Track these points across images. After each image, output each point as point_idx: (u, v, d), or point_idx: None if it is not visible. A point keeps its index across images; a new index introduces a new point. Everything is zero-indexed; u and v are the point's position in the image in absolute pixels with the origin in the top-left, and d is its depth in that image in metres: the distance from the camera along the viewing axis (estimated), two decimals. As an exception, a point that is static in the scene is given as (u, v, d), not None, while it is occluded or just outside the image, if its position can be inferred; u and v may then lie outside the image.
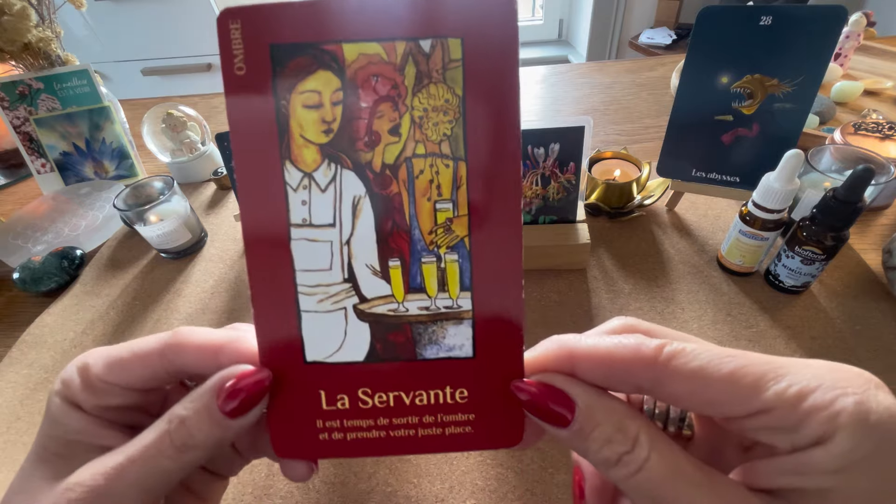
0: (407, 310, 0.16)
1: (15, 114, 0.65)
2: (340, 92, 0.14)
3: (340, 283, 0.16)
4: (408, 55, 0.14)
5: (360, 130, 0.15)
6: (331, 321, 0.16)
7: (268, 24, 0.14)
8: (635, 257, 0.48)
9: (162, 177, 0.54)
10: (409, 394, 0.16)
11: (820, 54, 0.39)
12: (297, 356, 0.16)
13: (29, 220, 0.61)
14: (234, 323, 0.19)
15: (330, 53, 0.14)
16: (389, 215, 0.15)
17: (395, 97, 0.14)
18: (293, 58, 0.14)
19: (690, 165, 0.48)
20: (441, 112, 0.15)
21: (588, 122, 0.40)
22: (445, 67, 0.14)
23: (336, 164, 0.15)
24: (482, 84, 0.14)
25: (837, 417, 0.12)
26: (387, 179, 0.15)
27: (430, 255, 0.16)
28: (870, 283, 0.43)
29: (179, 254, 0.55)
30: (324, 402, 0.17)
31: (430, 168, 0.15)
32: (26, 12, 0.60)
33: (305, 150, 0.15)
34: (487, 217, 0.15)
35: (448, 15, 0.14)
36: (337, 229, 0.16)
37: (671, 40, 1.79)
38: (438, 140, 0.15)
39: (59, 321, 0.49)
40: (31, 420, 0.40)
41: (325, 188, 0.15)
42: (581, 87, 0.87)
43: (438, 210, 0.15)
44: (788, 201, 0.38)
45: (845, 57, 0.75)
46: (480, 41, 0.14)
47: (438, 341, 0.16)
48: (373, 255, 0.16)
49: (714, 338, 0.39)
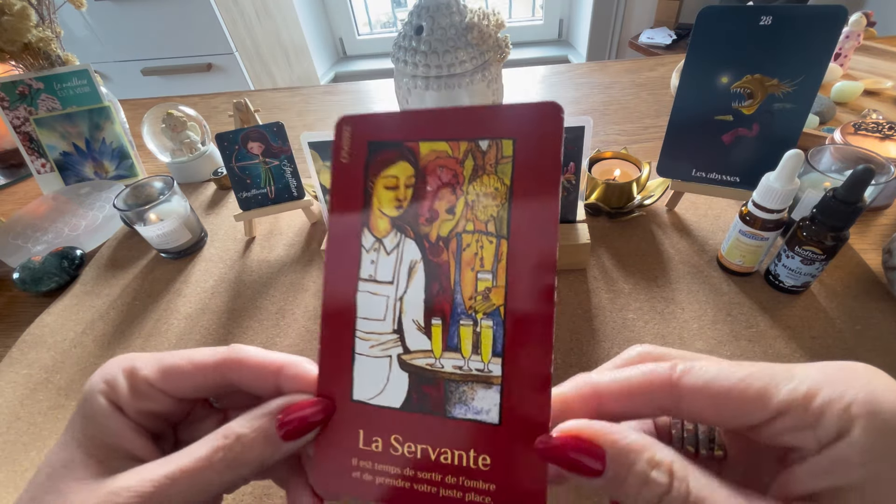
0: (442, 366, 0.18)
1: (15, 114, 0.65)
2: (413, 178, 0.18)
3: (390, 332, 0.18)
4: (468, 152, 0.18)
5: (424, 208, 0.18)
6: (377, 366, 0.18)
7: (368, 127, 0.19)
8: (635, 257, 0.48)
9: (162, 177, 0.54)
10: (435, 450, 0.17)
11: (820, 54, 0.39)
12: (346, 393, 0.18)
13: (29, 220, 0.61)
14: (233, 344, 0.19)
15: (409, 149, 0.18)
16: (437, 279, 0.18)
17: (454, 184, 0.18)
18: (382, 151, 0.18)
19: (690, 165, 0.48)
20: (490, 197, 0.17)
21: (588, 122, 0.40)
22: (498, 162, 0.17)
23: (401, 233, 0.18)
24: (527, 176, 0.17)
25: (850, 408, 0.13)
26: (439, 249, 0.18)
27: (467, 319, 0.17)
28: (870, 283, 0.43)
29: (179, 254, 0.55)
30: (361, 441, 0.18)
31: (476, 243, 0.18)
32: (26, 12, 0.60)
33: (380, 220, 0.18)
34: (522, 290, 0.17)
35: (504, 121, 0.17)
36: (394, 286, 0.18)
37: (671, 40, 1.79)
38: (486, 220, 0.17)
39: (59, 321, 0.49)
40: (30, 420, 0.40)
41: (390, 252, 0.18)
42: (581, 87, 0.87)
43: (479, 279, 0.17)
44: (788, 201, 0.38)
45: (845, 57, 0.75)
46: (529, 142, 0.17)
47: (467, 402, 0.17)
48: (419, 312, 0.18)
49: (714, 338, 0.39)
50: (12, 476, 0.36)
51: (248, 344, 0.46)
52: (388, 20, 2.47)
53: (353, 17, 2.38)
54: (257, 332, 0.45)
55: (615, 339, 0.40)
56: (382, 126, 0.19)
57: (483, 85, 0.56)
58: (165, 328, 0.46)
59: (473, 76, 0.54)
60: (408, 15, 0.55)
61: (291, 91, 0.99)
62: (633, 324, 0.41)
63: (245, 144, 0.50)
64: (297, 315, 0.46)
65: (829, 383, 0.13)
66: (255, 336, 0.44)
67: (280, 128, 0.50)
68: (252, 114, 0.61)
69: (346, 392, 0.18)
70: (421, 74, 0.54)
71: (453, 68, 0.53)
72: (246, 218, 0.54)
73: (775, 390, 0.14)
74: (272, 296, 0.48)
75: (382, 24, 2.48)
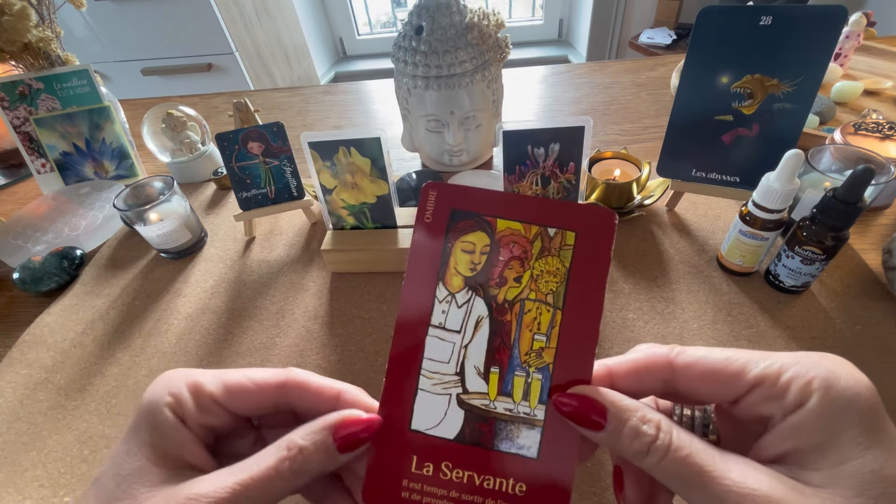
0: (495, 407, 0.21)
1: (15, 114, 0.65)
2: (488, 247, 0.22)
3: (453, 374, 0.21)
4: (538, 235, 0.21)
5: (495, 274, 0.21)
6: (437, 402, 0.21)
7: (453, 196, 0.22)
8: (635, 257, 0.48)
9: (162, 177, 0.54)
10: (480, 476, 0.20)
11: (820, 54, 0.39)
12: (404, 422, 0.21)
13: (29, 220, 0.61)
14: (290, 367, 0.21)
15: (487, 222, 0.22)
16: (500, 335, 0.21)
17: (523, 258, 0.21)
18: (464, 219, 0.22)
19: (690, 165, 0.48)
20: (552, 275, 0.21)
21: (588, 122, 0.40)
22: (561, 248, 0.21)
23: (473, 291, 0.21)
24: (583, 264, 0.21)
25: (811, 384, 0.16)
26: (504, 310, 0.21)
27: (521, 371, 0.21)
28: (870, 283, 0.43)
29: (179, 254, 0.55)
30: (413, 466, 0.21)
31: (536, 309, 0.21)
32: (26, 12, 0.60)
33: (455, 278, 0.22)
34: (569, 354, 0.20)
35: (571, 216, 0.21)
36: (461, 335, 0.21)
37: (671, 40, 1.79)
38: (546, 292, 0.21)
39: (59, 321, 0.49)
40: (30, 420, 0.40)
41: (461, 305, 0.21)
42: (581, 87, 0.87)
43: (535, 340, 0.21)
44: (788, 201, 0.38)
45: (845, 57, 0.75)
46: (587, 237, 0.21)
47: (513, 438, 0.20)
48: (481, 360, 0.21)
49: (714, 338, 0.39)
50: (12, 476, 0.36)
51: (247, 343, 0.46)
52: (388, 20, 2.47)
53: (353, 17, 2.38)
54: (257, 332, 0.45)
55: (615, 339, 0.40)
56: (465, 197, 0.22)
57: (483, 85, 0.56)
58: (165, 328, 0.46)
59: (473, 76, 0.54)
60: (408, 15, 0.55)
61: (291, 91, 0.99)
62: (633, 324, 0.41)
63: (245, 144, 0.50)
64: (297, 315, 0.46)
65: (798, 364, 0.16)
66: (256, 336, 0.44)
67: (280, 128, 0.50)
68: (252, 114, 0.61)
69: (405, 422, 0.21)
70: (421, 74, 0.54)
71: (453, 68, 0.53)
72: (246, 218, 0.54)
73: (752, 367, 0.17)
74: (272, 296, 0.48)
75: (382, 24, 2.48)
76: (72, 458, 0.37)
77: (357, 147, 0.43)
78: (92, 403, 0.40)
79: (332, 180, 0.46)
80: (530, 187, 0.44)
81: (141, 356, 0.44)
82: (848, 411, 0.15)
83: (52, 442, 0.38)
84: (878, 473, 0.14)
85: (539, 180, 0.44)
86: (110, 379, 0.42)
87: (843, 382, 0.15)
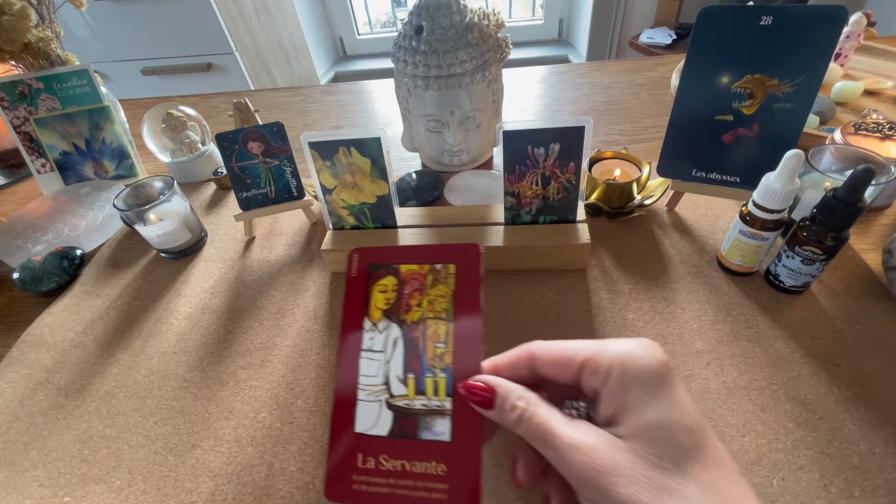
0: (415, 405, 0.26)
1: (15, 114, 0.65)
2: (397, 285, 0.29)
3: (381, 384, 0.27)
4: (430, 270, 0.29)
5: (403, 304, 0.28)
6: (372, 408, 0.27)
7: (370, 255, 0.30)
8: (635, 257, 0.48)
9: (162, 177, 0.54)
10: (410, 463, 0.25)
11: (820, 54, 0.39)
12: (350, 427, 0.27)
13: (29, 220, 0.61)
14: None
15: (395, 268, 0.29)
16: (412, 348, 0.27)
17: (421, 289, 0.29)
18: (378, 270, 0.30)
19: (690, 165, 0.48)
20: (442, 297, 0.28)
21: (588, 122, 0.40)
22: (446, 277, 0.28)
23: (389, 320, 0.28)
24: (463, 285, 0.28)
25: (615, 362, 0.21)
26: (413, 329, 0.28)
27: (430, 372, 0.27)
28: (870, 283, 0.43)
29: (179, 254, 0.55)
30: (359, 462, 0.26)
31: (434, 325, 0.28)
32: (26, 12, 0.60)
33: (376, 311, 0.29)
34: (463, 353, 0.26)
35: (450, 254, 0.29)
36: (384, 353, 0.28)
37: (671, 40, 1.79)
38: (440, 310, 0.28)
39: (59, 321, 0.49)
40: (30, 420, 0.40)
41: (381, 332, 0.28)
42: (581, 87, 0.87)
43: (436, 347, 0.27)
44: (788, 201, 0.38)
45: (845, 57, 0.75)
46: (463, 265, 0.28)
47: (430, 427, 0.26)
48: (400, 370, 0.27)
49: (714, 338, 0.39)
50: (12, 476, 0.36)
51: (247, 343, 0.46)
52: (388, 20, 2.46)
53: (353, 16, 2.38)
54: (257, 332, 0.45)
55: (615, 339, 0.40)
56: (378, 254, 0.30)
57: (483, 85, 0.56)
58: (165, 328, 0.46)
59: (473, 76, 0.54)
60: (408, 15, 0.55)
61: (291, 91, 0.99)
62: (633, 324, 0.41)
63: (245, 144, 0.50)
64: (298, 315, 0.46)
65: (610, 348, 0.22)
66: (256, 336, 0.44)
67: (280, 128, 0.50)
68: (252, 114, 0.61)
69: (351, 426, 0.26)
70: (421, 74, 0.54)
71: (453, 68, 0.53)
72: (246, 218, 0.54)
73: (581, 353, 0.22)
74: (272, 296, 0.48)
75: (382, 23, 2.48)
76: (72, 458, 0.37)
77: (357, 147, 0.43)
78: (92, 403, 0.40)
79: (332, 180, 0.46)
80: (530, 187, 0.44)
81: (141, 356, 0.44)
82: (637, 380, 0.21)
83: (52, 442, 0.38)
84: (657, 423, 0.20)
85: (539, 180, 0.44)
86: (110, 379, 0.42)
87: (635, 360, 0.21)
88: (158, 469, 0.35)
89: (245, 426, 0.37)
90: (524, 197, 0.45)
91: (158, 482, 0.34)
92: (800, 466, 0.31)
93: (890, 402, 0.34)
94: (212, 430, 0.37)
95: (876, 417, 0.33)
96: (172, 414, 0.39)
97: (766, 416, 0.34)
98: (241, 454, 0.35)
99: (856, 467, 0.31)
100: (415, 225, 0.48)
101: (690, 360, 0.38)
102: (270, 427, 0.37)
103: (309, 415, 0.37)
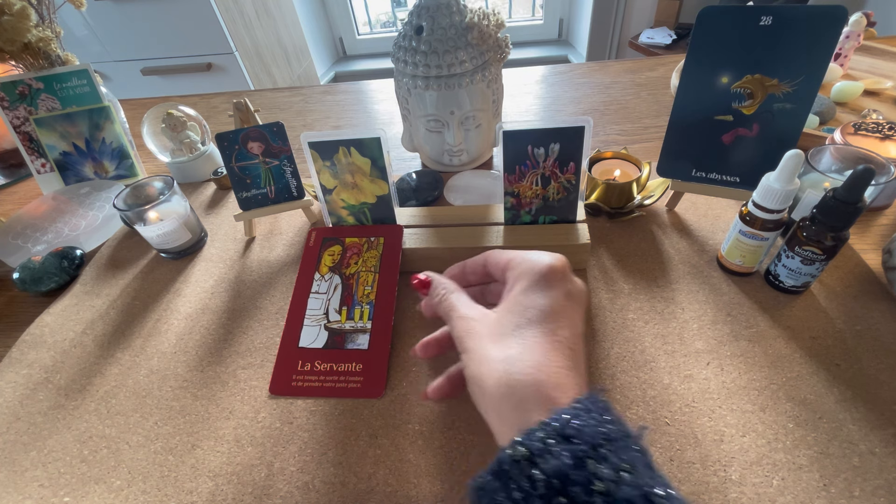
0: (345, 326, 0.41)
1: (15, 114, 0.65)
2: (341, 251, 0.45)
3: (322, 314, 0.42)
4: (365, 241, 0.45)
5: (344, 262, 0.44)
6: (313, 330, 0.41)
7: (325, 232, 0.47)
8: (635, 257, 0.48)
9: (162, 177, 0.54)
10: (337, 364, 0.39)
11: (820, 54, 0.39)
12: (296, 343, 0.41)
13: (29, 220, 0.61)
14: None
15: (342, 240, 0.46)
16: (348, 291, 0.43)
17: (358, 253, 0.44)
18: (329, 241, 0.46)
19: (690, 165, 0.48)
20: (373, 258, 0.44)
21: (588, 122, 0.40)
22: (377, 245, 0.45)
23: (333, 273, 0.44)
24: (388, 251, 0.44)
25: (517, 262, 0.29)
26: (351, 278, 0.43)
27: (359, 305, 0.42)
28: (870, 283, 0.43)
29: (179, 254, 0.55)
30: (299, 366, 0.39)
31: (366, 274, 0.43)
32: (26, 12, 0.60)
33: (324, 267, 0.44)
34: (382, 294, 0.42)
35: (381, 231, 0.45)
36: (327, 294, 0.43)
37: (671, 40, 1.79)
38: (371, 266, 0.44)
39: (59, 321, 0.49)
40: (30, 420, 0.40)
41: (327, 280, 0.43)
42: (581, 87, 0.87)
43: (365, 290, 0.42)
44: (788, 201, 0.38)
45: (845, 57, 0.75)
46: (389, 239, 0.45)
47: (354, 341, 0.40)
48: (338, 304, 0.42)
49: (714, 338, 0.39)
50: (12, 476, 0.36)
51: (247, 343, 0.46)
52: (388, 20, 2.46)
53: (353, 16, 2.38)
54: (257, 332, 0.45)
55: (615, 339, 0.40)
56: (330, 231, 0.46)
57: (483, 85, 0.56)
58: (165, 328, 0.46)
59: (473, 76, 0.54)
60: (408, 15, 0.55)
61: (291, 91, 0.99)
62: (633, 324, 0.41)
63: (245, 144, 0.50)
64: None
65: (528, 254, 0.29)
66: (255, 336, 0.44)
67: (280, 128, 0.50)
68: (252, 114, 0.61)
69: (296, 343, 0.41)
70: (421, 74, 0.54)
71: (453, 68, 0.53)
72: (246, 218, 0.54)
73: (507, 258, 0.30)
74: (272, 296, 0.48)
75: (382, 23, 2.48)
76: (72, 458, 0.37)
77: (357, 147, 0.43)
78: (92, 403, 0.40)
79: (332, 180, 0.46)
80: (530, 187, 0.44)
81: (141, 356, 0.44)
82: (525, 273, 0.28)
83: (52, 442, 0.38)
84: (519, 300, 0.27)
85: (539, 180, 0.44)
86: (110, 379, 0.42)
87: (531, 260, 0.28)
88: (158, 469, 0.35)
89: (245, 426, 0.37)
90: (524, 197, 0.45)
91: (158, 482, 0.34)
92: (800, 466, 0.31)
93: (890, 402, 0.34)
94: (212, 430, 0.37)
95: (876, 417, 0.33)
96: (172, 414, 0.39)
97: (765, 416, 0.34)
98: (241, 454, 0.35)
99: (856, 467, 0.31)
100: (415, 225, 0.48)
101: (690, 360, 0.38)
102: (270, 427, 0.37)
103: (309, 415, 0.37)
